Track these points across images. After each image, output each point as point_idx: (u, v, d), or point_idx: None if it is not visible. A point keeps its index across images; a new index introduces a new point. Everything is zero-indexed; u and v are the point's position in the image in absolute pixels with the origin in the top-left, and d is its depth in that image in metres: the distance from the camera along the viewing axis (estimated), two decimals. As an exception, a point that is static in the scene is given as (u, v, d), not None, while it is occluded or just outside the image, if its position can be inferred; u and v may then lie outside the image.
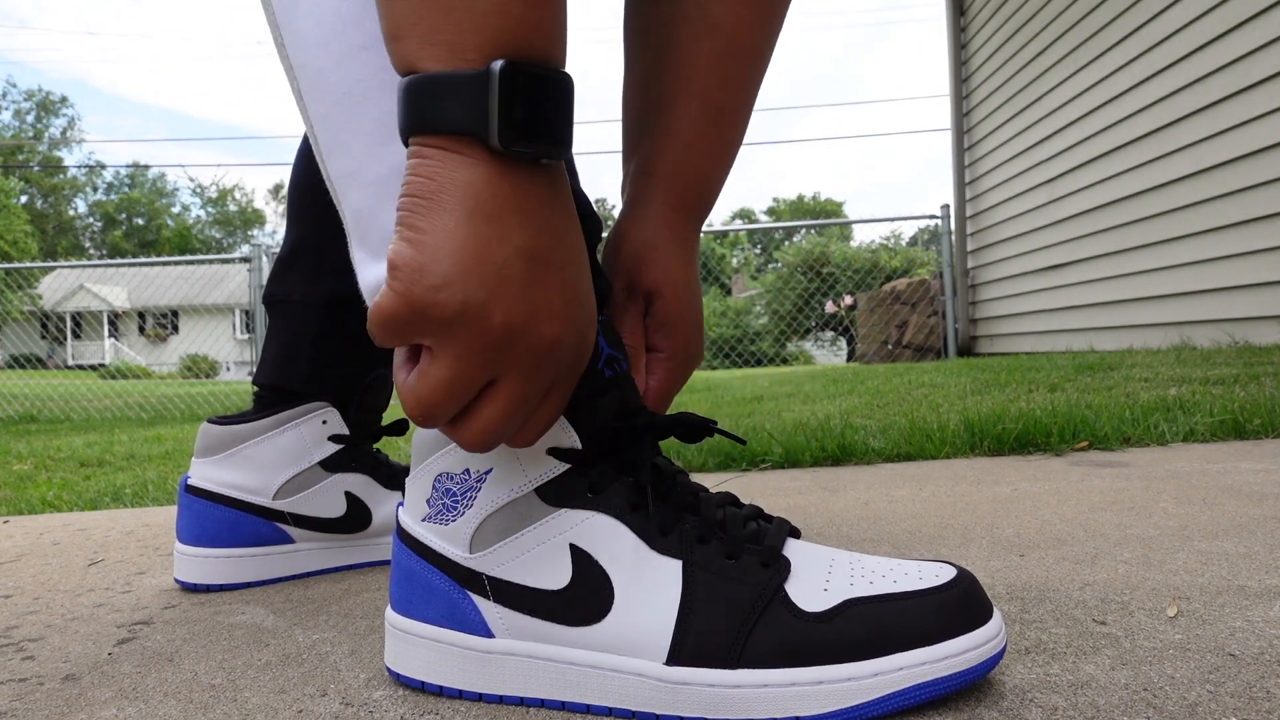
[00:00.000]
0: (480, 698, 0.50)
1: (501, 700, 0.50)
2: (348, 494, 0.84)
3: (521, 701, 0.49)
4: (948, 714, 0.43)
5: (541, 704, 0.49)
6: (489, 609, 0.50)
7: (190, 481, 0.80)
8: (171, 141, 73.73)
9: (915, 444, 1.47)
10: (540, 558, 0.48)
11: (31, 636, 0.67)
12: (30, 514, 1.51)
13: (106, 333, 26.55)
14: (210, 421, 0.81)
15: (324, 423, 0.83)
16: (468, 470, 0.50)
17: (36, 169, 41.27)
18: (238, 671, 0.57)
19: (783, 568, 0.47)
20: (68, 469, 2.66)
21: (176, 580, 0.80)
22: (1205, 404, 1.63)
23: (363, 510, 0.85)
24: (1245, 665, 0.48)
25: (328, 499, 0.83)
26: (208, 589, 0.79)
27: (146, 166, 47.05)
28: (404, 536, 0.53)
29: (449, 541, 0.51)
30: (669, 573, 0.47)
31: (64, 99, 41.81)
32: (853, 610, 0.45)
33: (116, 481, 2.09)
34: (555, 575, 0.48)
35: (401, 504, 0.54)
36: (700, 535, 0.48)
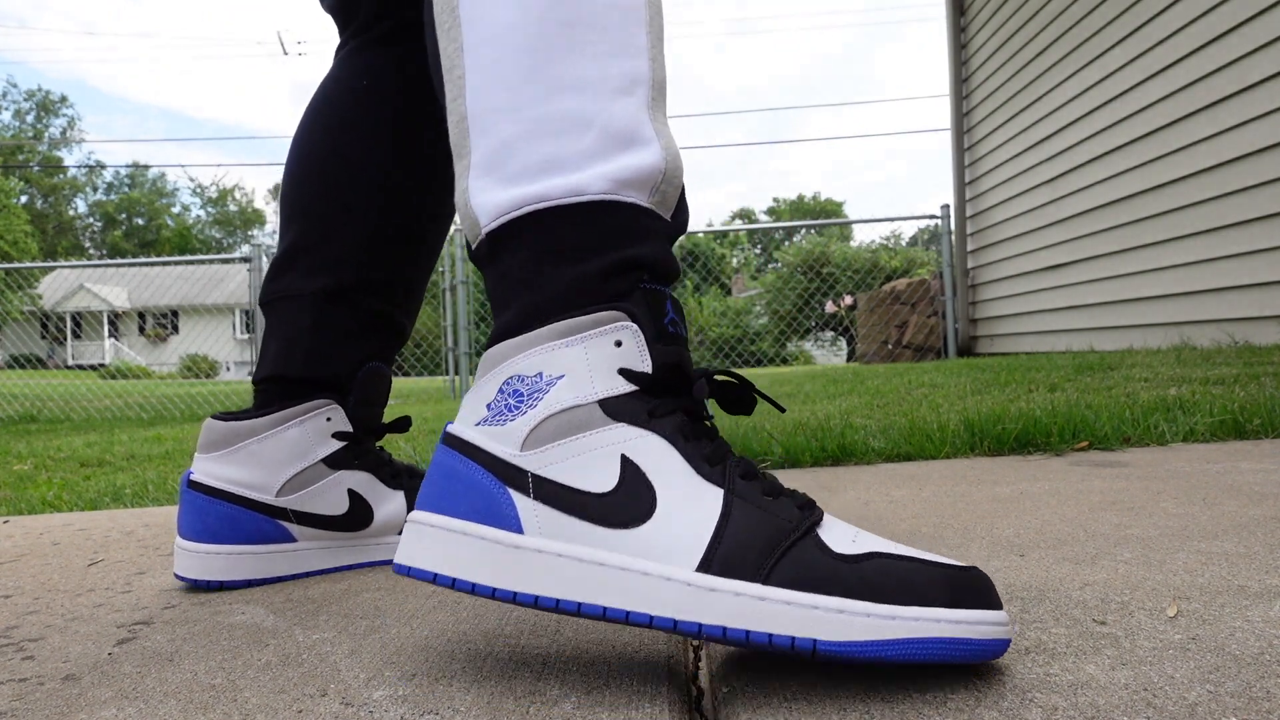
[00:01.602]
0: (493, 593, 0.49)
1: (515, 598, 0.49)
2: (350, 491, 0.84)
3: (536, 600, 0.48)
4: (948, 714, 0.43)
5: (557, 605, 0.48)
6: (526, 505, 0.50)
7: (193, 477, 0.80)
8: (171, 141, 73.77)
9: (915, 444, 1.47)
10: (590, 462, 0.50)
11: (31, 636, 0.67)
12: (30, 514, 1.51)
13: (106, 333, 26.55)
14: (214, 418, 0.81)
15: (328, 420, 0.83)
16: (540, 374, 0.52)
17: (36, 169, 41.25)
18: (238, 671, 0.57)
19: (817, 514, 0.50)
20: (68, 469, 2.67)
21: (176, 575, 0.79)
22: (1205, 404, 1.63)
23: (365, 508, 0.85)
24: (1245, 665, 0.48)
25: (330, 496, 0.83)
26: (207, 585, 0.79)
27: (146, 166, 47.06)
28: (449, 440, 0.54)
29: (500, 441, 0.52)
30: (711, 496, 0.50)
31: (64, 99, 41.77)
32: (879, 560, 0.47)
33: (116, 481, 2.09)
34: (602, 480, 0.50)
35: (451, 425, 0.55)
36: (744, 473, 0.51)
